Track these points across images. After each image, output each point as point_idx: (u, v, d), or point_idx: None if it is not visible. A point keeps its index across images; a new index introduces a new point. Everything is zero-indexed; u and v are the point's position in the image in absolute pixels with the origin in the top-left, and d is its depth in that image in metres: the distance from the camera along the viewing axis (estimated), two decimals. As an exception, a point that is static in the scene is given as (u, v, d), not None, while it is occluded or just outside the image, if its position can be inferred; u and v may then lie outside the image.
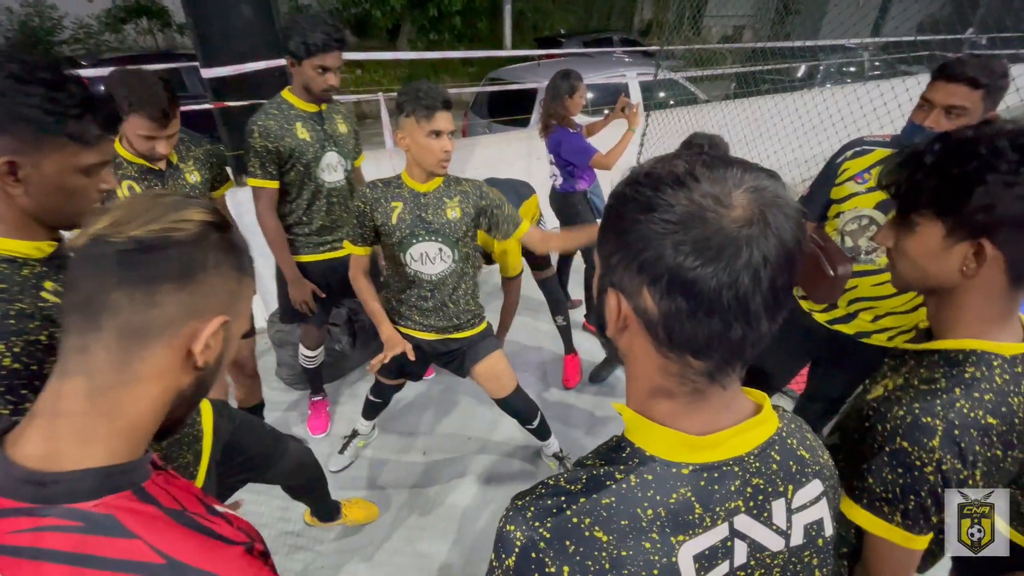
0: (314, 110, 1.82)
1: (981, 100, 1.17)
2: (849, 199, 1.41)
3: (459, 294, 1.67)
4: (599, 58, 5.87)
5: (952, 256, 0.67)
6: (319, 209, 1.94)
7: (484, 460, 2.24)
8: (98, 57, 7.29)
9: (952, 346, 0.71)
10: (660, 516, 0.46)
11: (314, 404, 2.42)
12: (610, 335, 0.51)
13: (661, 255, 0.42)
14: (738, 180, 0.42)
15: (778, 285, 0.42)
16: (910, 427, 0.65)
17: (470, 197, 1.58)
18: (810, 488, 0.53)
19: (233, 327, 0.58)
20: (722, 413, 0.50)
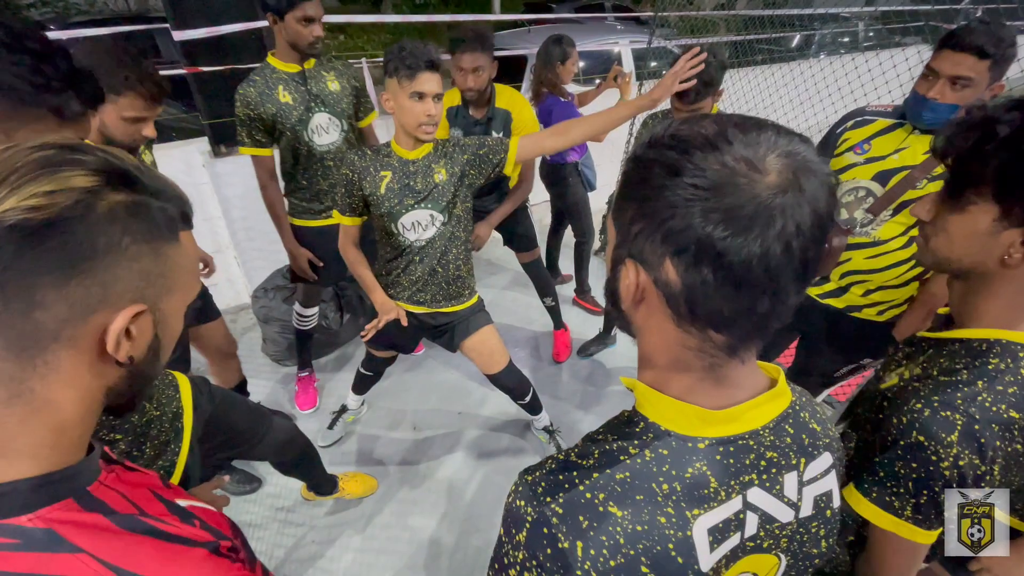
0: (296, 70, 1.75)
1: (988, 70, 1.13)
2: (847, 170, 1.38)
3: (449, 258, 1.63)
4: (590, 25, 5.69)
5: (998, 242, 0.62)
6: (315, 173, 1.89)
7: (474, 435, 2.25)
8: (67, 20, 6.91)
9: (976, 335, 0.67)
10: (676, 491, 0.45)
11: (302, 380, 2.40)
12: (625, 308, 0.48)
13: (690, 224, 0.39)
14: (772, 143, 0.39)
15: (809, 256, 0.40)
16: (928, 421, 0.62)
17: (453, 156, 1.53)
18: (821, 461, 0.52)
19: (162, 308, 0.48)
20: (738, 387, 0.48)
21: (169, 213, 0.47)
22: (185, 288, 0.51)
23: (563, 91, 2.46)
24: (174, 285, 0.49)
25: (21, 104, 0.71)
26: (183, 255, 0.49)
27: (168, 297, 0.48)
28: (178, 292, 0.50)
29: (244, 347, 2.74)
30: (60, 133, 0.76)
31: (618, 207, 0.47)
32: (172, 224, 0.48)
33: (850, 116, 1.42)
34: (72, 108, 0.76)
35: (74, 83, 0.75)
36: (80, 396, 0.44)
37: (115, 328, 0.43)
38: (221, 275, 2.75)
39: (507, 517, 0.48)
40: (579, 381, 2.58)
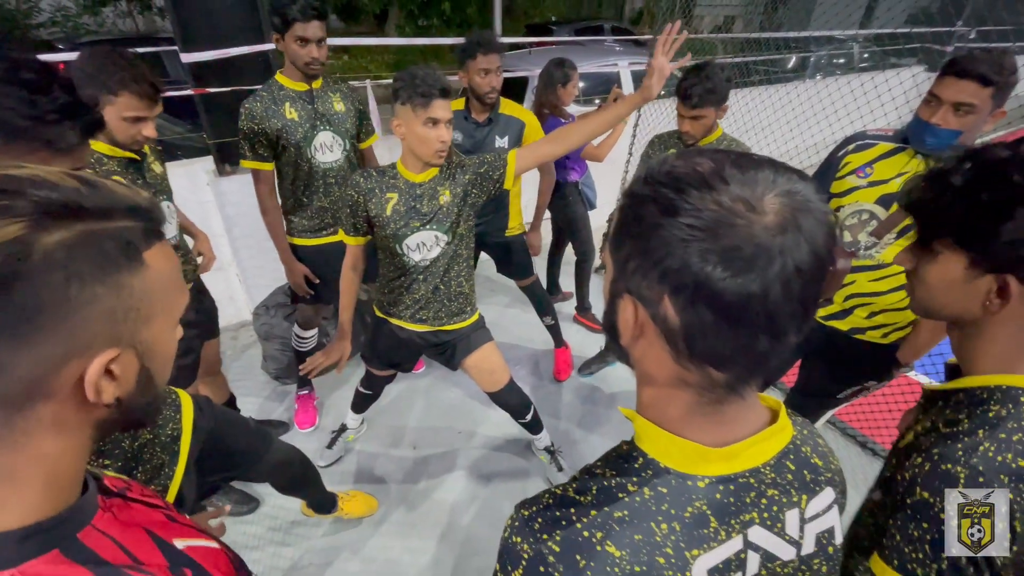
0: (304, 88, 1.78)
1: (990, 98, 1.14)
2: (850, 193, 1.39)
3: (451, 275, 1.63)
4: (590, 47, 5.79)
5: (974, 289, 0.62)
6: (316, 190, 1.90)
7: (475, 454, 2.22)
8: (76, 40, 7.03)
9: (976, 383, 0.65)
10: (675, 530, 0.44)
11: (301, 398, 2.38)
12: (624, 344, 0.48)
13: (686, 264, 0.38)
14: (770, 183, 0.39)
15: (808, 296, 0.39)
16: (929, 476, 0.60)
17: (456, 177, 1.54)
18: (823, 497, 0.51)
19: (143, 339, 0.43)
20: (739, 423, 0.48)
21: (127, 235, 0.42)
22: (167, 309, 0.46)
23: (564, 112, 2.50)
24: (151, 312, 0.44)
25: (14, 138, 0.70)
26: (154, 277, 0.44)
27: (147, 327, 0.44)
28: (159, 317, 0.45)
29: (244, 364, 2.73)
30: (54, 164, 0.74)
31: (614, 242, 0.46)
32: (131, 248, 0.42)
33: (851, 140, 1.44)
34: (67, 140, 0.75)
35: (71, 114, 0.74)
36: (69, 443, 0.42)
37: (90, 379, 0.40)
38: (223, 292, 2.75)
39: (503, 553, 0.47)
40: (580, 400, 2.56)
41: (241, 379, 2.60)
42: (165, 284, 0.45)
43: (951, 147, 1.22)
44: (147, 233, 0.44)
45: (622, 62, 4.61)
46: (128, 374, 0.43)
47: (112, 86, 1.24)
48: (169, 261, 0.46)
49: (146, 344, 0.44)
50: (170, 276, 0.47)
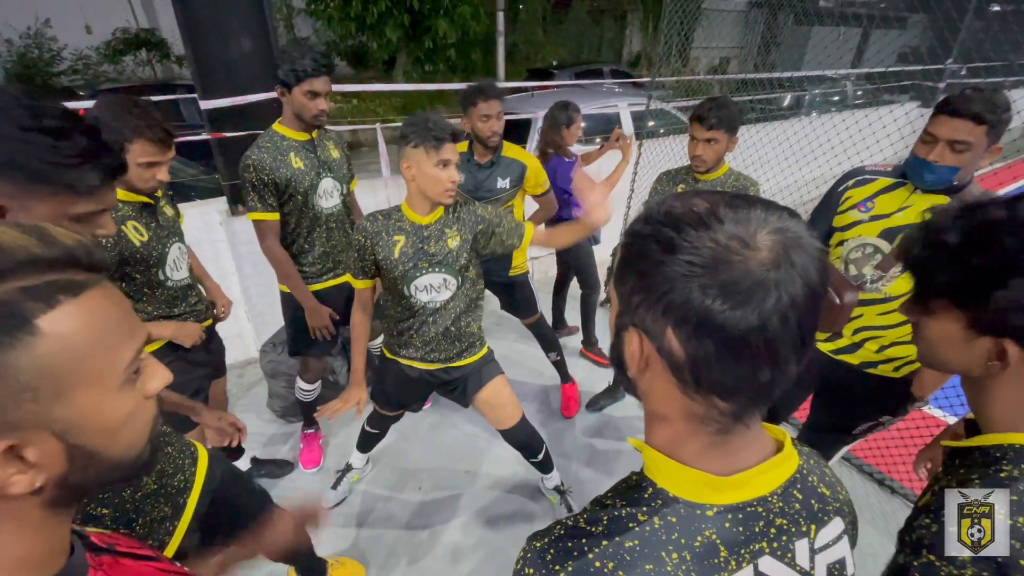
0: (305, 138, 1.83)
1: (985, 135, 1.17)
2: (853, 227, 1.41)
3: (461, 317, 1.65)
4: (591, 89, 6.00)
5: (974, 348, 0.61)
6: (319, 236, 1.94)
7: (482, 496, 2.17)
8: (96, 88, 7.34)
9: (990, 442, 0.64)
10: (685, 560, 0.44)
11: (307, 437, 2.35)
12: (632, 376, 0.49)
13: (688, 298, 0.40)
14: (762, 221, 0.41)
15: (804, 326, 0.41)
16: (936, 537, 0.58)
17: (466, 223, 1.57)
18: (832, 527, 0.51)
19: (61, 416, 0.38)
20: (745, 452, 0.48)
21: (17, 301, 0.35)
22: (92, 376, 0.39)
23: (568, 152, 2.57)
24: (62, 386, 0.37)
25: (37, 181, 0.73)
26: (58, 346, 0.37)
27: (61, 403, 0.38)
28: (80, 387, 0.39)
29: (249, 402, 2.72)
30: (77, 206, 0.78)
31: (618, 278, 0.48)
32: (6, 322, 0.35)
33: (850, 175, 1.47)
34: (88, 182, 0.77)
35: (92, 157, 0.77)
36: (24, 525, 0.40)
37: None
38: (230, 329, 2.76)
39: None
40: (589, 436, 2.52)
41: (246, 417, 2.58)
42: (80, 349, 0.38)
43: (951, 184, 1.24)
44: (59, 289, 0.38)
45: (621, 103, 4.76)
46: (50, 458, 0.38)
47: (127, 133, 1.28)
48: (91, 319, 0.39)
49: (67, 422, 0.38)
50: (91, 337, 0.39)
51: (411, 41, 10.09)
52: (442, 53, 10.20)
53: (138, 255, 1.37)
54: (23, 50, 10.13)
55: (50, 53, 10.45)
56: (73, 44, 10.70)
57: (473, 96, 2.01)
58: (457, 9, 9.75)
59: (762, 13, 9.23)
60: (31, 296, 0.36)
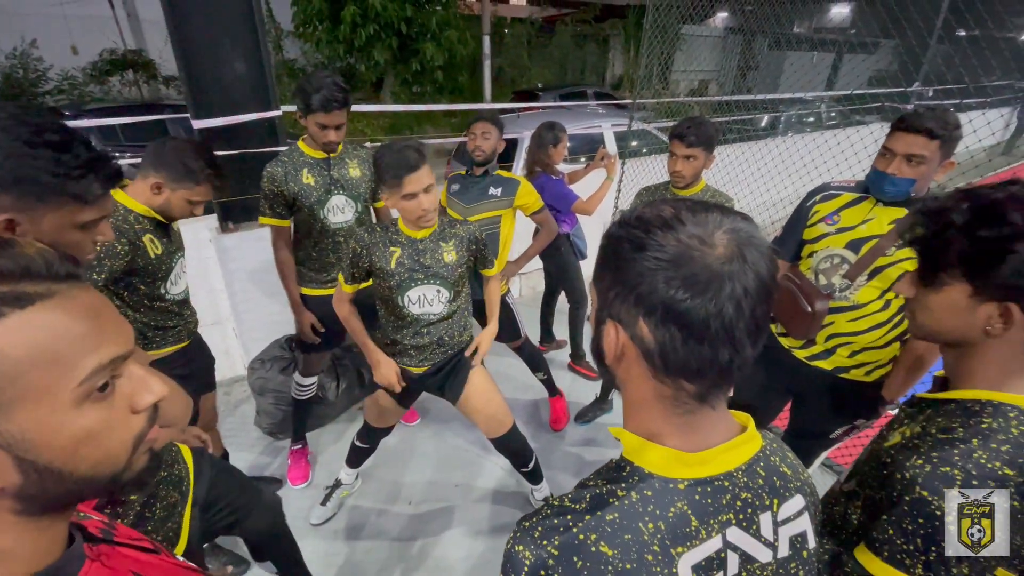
0: (322, 156, 1.92)
1: (938, 149, 1.27)
2: (821, 239, 1.49)
3: (454, 327, 1.71)
4: (575, 110, 6.16)
5: (977, 315, 0.68)
6: (326, 247, 2.01)
7: (473, 509, 2.18)
8: (81, 107, 7.32)
9: (969, 396, 0.71)
10: (660, 529, 0.49)
11: (294, 453, 2.35)
12: (609, 363, 0.55)
13: (655, 289, 0.46)
14: (718, 222, 0.48)
15: (758, 313, 0.47)
16: (929, 476, 0.65)
17: (463, 240, 1.63)
18: (793, 502, 0.56)
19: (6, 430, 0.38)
20: (712, 432, 0.53)
21: None
22: (39, 391, 0.38)
23: (555, 170, 2.65)
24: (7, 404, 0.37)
25: (45, 194, 0.77)
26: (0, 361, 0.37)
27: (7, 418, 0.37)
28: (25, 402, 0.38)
29: (237, 420, 2.70)
30: (82, 215, 0.81)
31: (597, 275, 0.54)
32: None
33: (818, 191, 1.56)
34: (93, 191, 0.82)
35: (94, 167, 0.81)
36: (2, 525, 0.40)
37: None
38: (218, 346, 2.75)
39: (506, 562, 0.51)
40: (578, 448, 2.54)
41: (234, 435, 2.56)
42: (22, 363, 0.37)
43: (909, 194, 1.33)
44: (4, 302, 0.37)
45: (605, 124, 4.90)
46: (5, 474, 0.38)
47: (198, 177, 1.43)
48: (39, 332, 0.38)
49: (11, 436, 0.37)
50: (37, 351, 0.38)
51: (399, 63, 10.25)
52: (430, 75, 10.36)
53: (150, 267, 1.43)
54: (8, 70, 10.08)
55: (36, 73, 10.41)
56: (59, 65, 10.67)
57: (473, 122, 2.27)
58: (444, 33, 9.96)
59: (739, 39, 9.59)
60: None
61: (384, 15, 9.02)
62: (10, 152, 0.74)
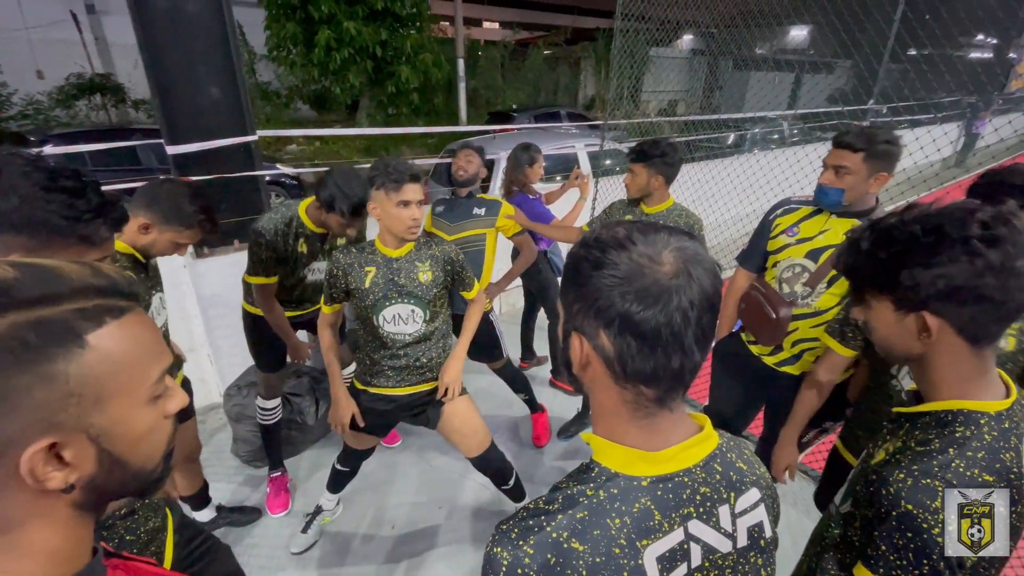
0: (321, 232, 1.96)
1: (862, 161, 1.39)
2: (783, 250, 1.57)
3: (432, 350, 1.72)
4: (549, 131, 6.31)
5: (907, 326, 0.73)
6: (298, 289, 2.07)
7: (456, 528, 2.16)
8: (47, 133, 7.16)
9: (940, 407, 0.74)
10: (626, 524, 0.52)
11: (273, 481, 2.30)
12: (575, 372, 0.59)
13: (612, 303, 0.51)
14: (665, 242, 0.53)
15: (704, 323, 0.52)
16: (912, 489, 0.67)
17: (439, 260, 1.66)
18: (749, 495, 0.60)
19: (96, 422, 0.43)
20: (671, 432, 0.58)
21: (62, 321, 0.41)
22: (126, 389, 0.45)
23: (531, 189, 2.72)
24: (101, 395, 0.43)
25: (56, 236, 0.80)
26: (100, 359, 0.43)
27: (99, 410, 0.43)
28: (116, 398, 0.44)
29: (213, 449, 2.63)
30: (87, 255, 0.84)
31: (563, 291, 0.59)
32: (67, 334, 0.41)
33: (779, 205, 1.64)
34: (100, 235, 0.86)
35: (104, 211, 0.85)
36: (54, 522, 0.44)
37: (24, 469, 0.40)
38: (193, 374, 2.69)
39: (485, 565, 0.53)
40: (560, 463, 2.55)
41: (210, 464, 2.49)
42: (119, 364, 0.44)
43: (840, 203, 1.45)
44: (106, 312, 0.44)
45: (578, 144, 5.02)
46: (83, 459, 0.43)
47: (188, 220, 1.42)
48: (129, 338, 0.45)
49: (101, 427, 0.43)
50: (129, 354, 0.45)
51: (374, 86, 10.35)
52: (405, 97, 10.48)
53: None
54: (-31, 95, 9.84)
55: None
56: (24, 89, 10.46)
57: (456, 150, 2.40)
58: (419, 56, 10.11)
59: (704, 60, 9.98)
60: (84, 316, 0.43)
61: (359, 39, 9.11)
62: (27, 196, 0.78)
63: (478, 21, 21.87)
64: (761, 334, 1.59)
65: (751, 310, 1.60)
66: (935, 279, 0.67)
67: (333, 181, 1.73)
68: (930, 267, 0.67)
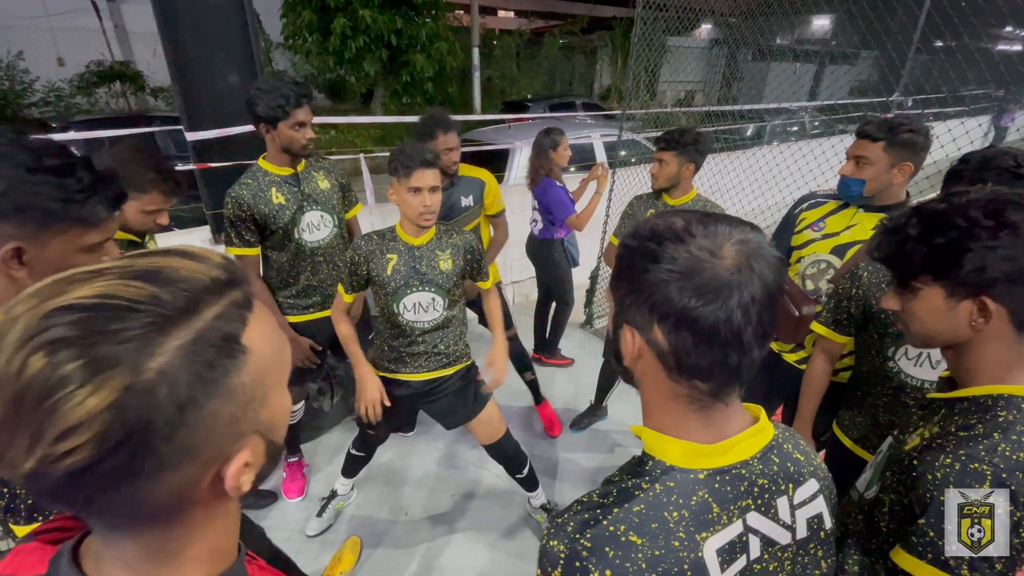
0: (289, 172, 1.84)
1: (882, 151, 1.36)
2: (808, 245, 1.54)
3: (449, 337, 1.72)
4: (565, 121, 6.24)
5: (959, 313, 0.73)
6: (303, 269, 1.94)
7: (469, 517, 2.18)
8: (68, 120, 7.27)
9: (979, 392, 0.74)
10: (684, 517, 0.52)
11: (290, 466, 2.33)
12: (627, 365, 0.58)
13: (669, 298, 0.49)
14: (727, 235, 0.51)
15: (764, 319, 0.50)
16: (960, 474, 0.67)
17: (460, 249, 1.66)
18: (808, 486, 0.59)
19: (264, 419, 0.42)
20: (726, 425, 0.57)
21: (222, 328, 0.37)
22: (279, 379, 0.44)
23: (558, 175, 2.70)
24: (266, 392, 0.41)
25: (49, 220, 0.75)
26: (260, 358, 0.40)
27: (264, 407, 0.42)
28: (273, 390, 0.43)
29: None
30: (87, 238, 0.80)
31: (614, 284, 0.58)
32: (231, 341, 0.38)
33: (804, 200, 1.61)
34: (98, 214, 0.80)
35: (97, 189, 0.79)
36: (222, 523, 0.44)
37: (231, 485, 0.39)
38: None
39: (542, 558, 0.53)
40: (574, 455, 2.56)
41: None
42: (272, 358, 0.42)
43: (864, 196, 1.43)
44: (241, 307, 0.40)
45: (594, 134, 4.97)
46: (258, 456, 0.42)
47: (142, 184, 1.34)
48: (268, 328, 0.42)
49: (267, 422, 0.42)
50: (273, 345, 0.42)
51: (389, 75, 10.31)
52: (419, 86, 10.43)
53: None
54: (-7, 83, 10.00)
55: (21, 85, 10.32)
56: (46, 76, 10.60)
57: (432, 129, 2.08)
58: (434, 45, 10.04)
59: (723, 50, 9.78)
60: (228, 319, 0.38)
61: (374, 27, 9.07)
62: (11, 179, 0.72)
63: (493, 10, 21.69)
64: (782, 331, 1.56)
65: None
66: (1002, 261, 0.67)
67: (248, 97, 1.69)
68: (994, 250, 0.67)
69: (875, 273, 1.25)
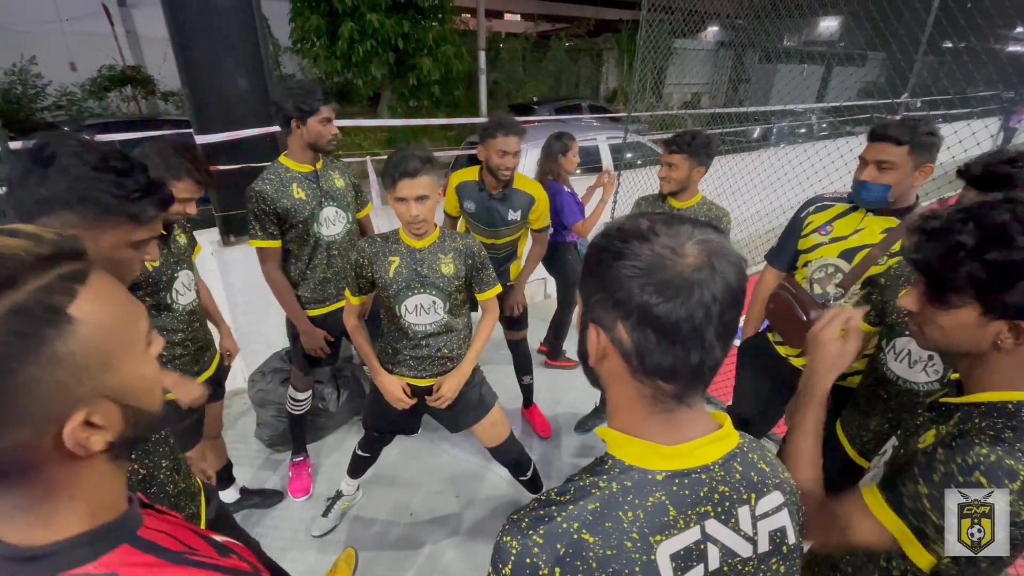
0: (309, 170, 1.92)
1: (907, 154, 1.33)
2: (815, 249, 1.53)
3: (452, 341, 1.72)
4: (570, 123, 6.24)
5: (987, 331, 0.70)
6: (320, 263, 2.01)
7: (474, 519, 2.18)
8: (80, 123, 7.37)
9: (999, 398, 0.73)
10: (639, 518, 0.51)
11: (295, 465, 2.35)
12: (592, 364, 0.58)
13: (631, 295, 0.50)
14: (689, 234, 0.51)
15: (726, 319, 0.50)
16: (994, 465, 0.65)
17: (461, 254, 1.65)
18: (771, 497, 0.58)
19: (112, 384, 0.45)
20: (689, 428, 0.56)
21: (42, 299, 0.40)
22: (126, 346, 0.47)
23: (566, 179, 2.71)
24: (107, 360, 0.44)
25: (105, 214, 0.83)
26: (93, 327, 0.43)
27: (110, 373, 0.45)
28: (120, 357, 0.46)
29: (237, 433, 2.70)
30: (136, 234, 0.88)
31: (582, 283, 0.58)
32: (53, 311, 0.40)
33: (811, 202, 1.60)
34: (148, 213, 0.89)
35: (150, 191, 0.88)
36: (92, 474, 0.47)
37: (70, 444, 0.42)
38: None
39: (495, 553, 0.53)
40: (577, 458, 2.55)
41: (234, 447, 2.55)
42: (111, 326, 0.44)
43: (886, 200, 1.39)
44: (70, 280, 0.42)
45: (600, 137, 4.97)
46: (112, 419, 0.45)
47: (176, 172, 1.44)
48: (106, 298, 0.45)
49: (117, 388, 0.45)
50: (112, 314, 0.45)
51: (396, 78, 10.36)
52: (426, 89, 10.47)
53: (150, 279, 1.46)
54: (7, 86, 10.13)
55: (35, 89, 10.47)
56: (58, 80, 10.74)
57: (493, 129, 2.07)
58: (441, 48, 10.09)
59: (730, 52, 9.76)
60: (53, 291, 0.41)
61: (381, 31, 9.13)
62: (79, 175, 0.81)
63: (500, 13, 21.74)
64: (790, 336, 1.54)
65: (779, 311, 1.56)
66: None
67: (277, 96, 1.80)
68: None
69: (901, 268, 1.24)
